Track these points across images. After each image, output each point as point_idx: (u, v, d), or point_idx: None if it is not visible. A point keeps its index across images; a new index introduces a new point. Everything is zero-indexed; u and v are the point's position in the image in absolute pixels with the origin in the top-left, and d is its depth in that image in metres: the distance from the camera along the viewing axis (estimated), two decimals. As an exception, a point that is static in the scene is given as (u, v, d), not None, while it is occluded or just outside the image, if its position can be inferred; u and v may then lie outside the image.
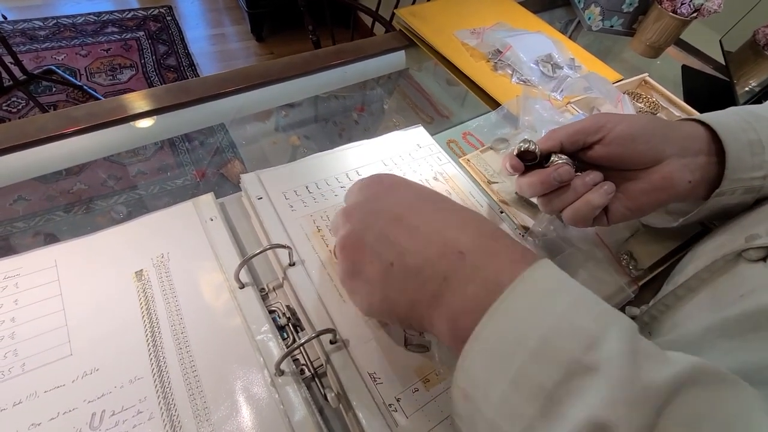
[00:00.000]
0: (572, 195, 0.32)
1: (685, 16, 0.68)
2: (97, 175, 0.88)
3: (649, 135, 0.31)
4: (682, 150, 0.31)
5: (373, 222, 0.25)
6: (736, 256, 0.30)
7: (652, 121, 0.33)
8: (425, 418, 0.28)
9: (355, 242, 0.25)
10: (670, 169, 0.31)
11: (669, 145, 0.31)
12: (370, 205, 0.26)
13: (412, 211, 0.24)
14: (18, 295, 0.30)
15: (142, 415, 0.26)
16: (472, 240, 0.22)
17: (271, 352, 0.29)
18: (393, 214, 0.25)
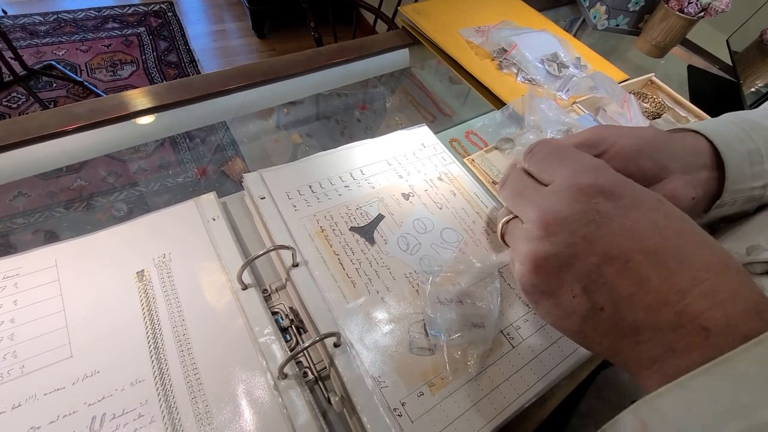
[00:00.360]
0: None
1: (692, 15, 0.67)
2: (98, 171, 0.88)
3: (652, 150, 0.29)
4: (685, 166, 0.30)
5: (587, 253, 0.20)
6: None
7: (655, 134, 0.31)
8: (431, 423, 0.27)
9: (556, 268, 0.21)
10: (673, 186, 0.29)
11: (673, 160, 0.30)
12: (587, 229, 0.20)
13: (644, 255, 0.19)
14: (17, 296, 0.29)
15: (144, 418, 0.26)
16: (727, 316, 0.17)
17: (274, 355, 0.29)
18: (616, 251, 0.19)
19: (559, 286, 0.21)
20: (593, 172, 0.22)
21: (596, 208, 0.20)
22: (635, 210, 0.20)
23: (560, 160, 0.24)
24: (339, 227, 0.36)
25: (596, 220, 0.20)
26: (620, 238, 0.19)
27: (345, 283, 0.33)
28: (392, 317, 0.32)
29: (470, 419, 0.28)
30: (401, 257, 0.35)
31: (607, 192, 0.21)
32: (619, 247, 0.19)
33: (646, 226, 0.19)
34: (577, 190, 0.21)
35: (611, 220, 0.20)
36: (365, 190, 0.39)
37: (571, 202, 0.21)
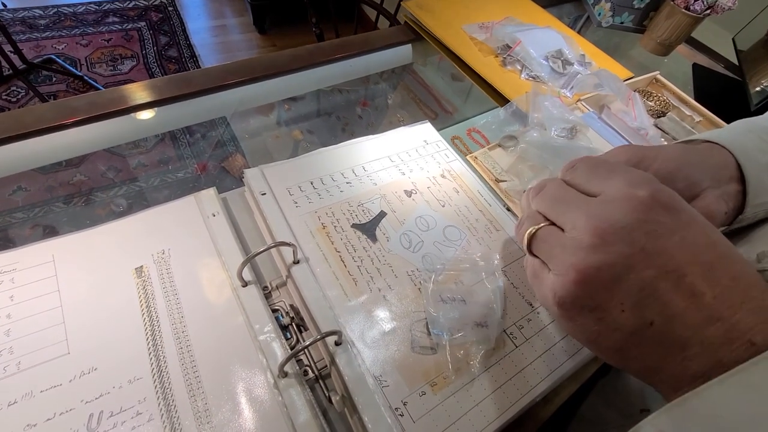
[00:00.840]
0: None
1: (698, 13, 0.66)
2: (98, 166, 0.88)
3: (687, 170, 0.29)
4: (715, 181, 0.29)
5: (642, 266, 0.20)
6: None
7: (686, 152, 0.30)
8: (433, 423, 0.27)
9: (607, 280, 0.20)
10: (707, 202, 0.29)
11: (704, 177, 0.29)
12: (644, 241, 0.20)
13: (701, 270, 0.19)
14: (14, 291, 0.29)
15: (142, 416, 0.26)
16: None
17: (274, 353, 0.29)
18: (673, 265, 0.19)
19: (608, 299, 0.20)
20: (649, 184, 0.21)
21: (657, 219, 0.20)
22: (694, 224, 0.20)
23: (610, 172, 0.23)
24: (341, 224, 0.35)
25: (657, 231, 0.20)
26: (679, 252, 0.19)
27: (346, 281, 0.32)
28: (394, 315, 0.31)
29: (472, 419, 0.28)
30: (403, 255, 0.34)
31: (667, 205, 0.20)
32: (677, 261, 0.19)
33: (703, 241, 0.19)
34: (636, 199, 0.20)
35: (672, 233, 0.20)
36: (367, 186, 0.38)
37: (629, 211, 0.20)
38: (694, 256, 0.19)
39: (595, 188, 0.23)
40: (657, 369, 0.20)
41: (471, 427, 0.27)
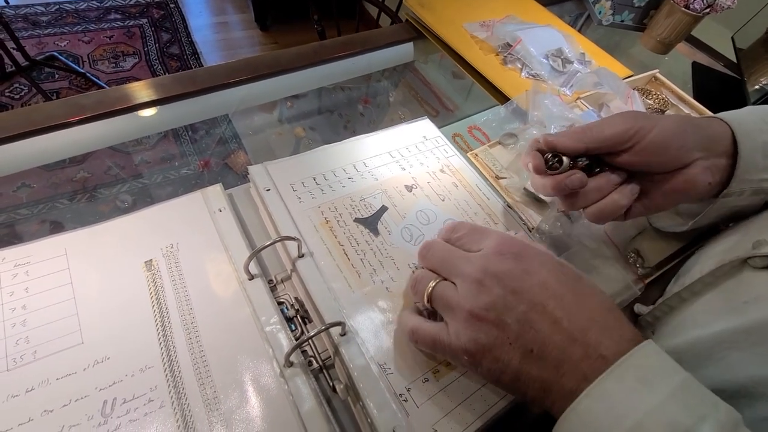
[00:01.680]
0: (597, 194, 0.32)
1: (697, 11, 0.67)
2: (101, 163, 0.89)
3: (681, 140, 0.30)
4: (707, 152, 0.31)
5: (515, 304, 0.24)
6: (742, 263, 0.30)
7: (684, 123, 0.31)
8: (436, 408, 0.28)
9: (496, 318, 0.24)
10: (694, 172, 0.31)
11: (698, 147, 0.31)
12: (511, 283, 0.25)
13: (554, 300, 0.24)
14: (29, 283, 0.30)
15: (153, 403, 0.27)
16: (616, 344, 0.22)
17: (280, 344, 0.30)
18: (536, 300, 0.24)
19: (498, 334, 0.24)
20: (512, 241, 0.27)
21: (520, 267, 0.25)
22: (544, 268, 0.25)
23: (483, 235, 0.29)
24: (343, 218, 0.36)
25: (520, 276, 0.25)
26: (537, 289, 0.24)
27: (350, 273, 0.33)
28: (397, 306, 0.32)
29: (474, 404, 0.29)
30: (405, 248, 0.35)
31: (523, 256, 0.26)
32: (539, 296, 0.24)
33: (552, 280, 0.25)
34: (505, 253, 0.26)
35: (531, 275, 0.25)
36: (369, 182, 0.39)
37: (501, 261, 0.26)
38: (546, 293, 0.24)
39: (475, 247, 0.28)
40: (546, 391, 0.23)
41: (473, 411, 0.28)
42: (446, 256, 0.29)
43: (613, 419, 0.20)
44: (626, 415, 0.20)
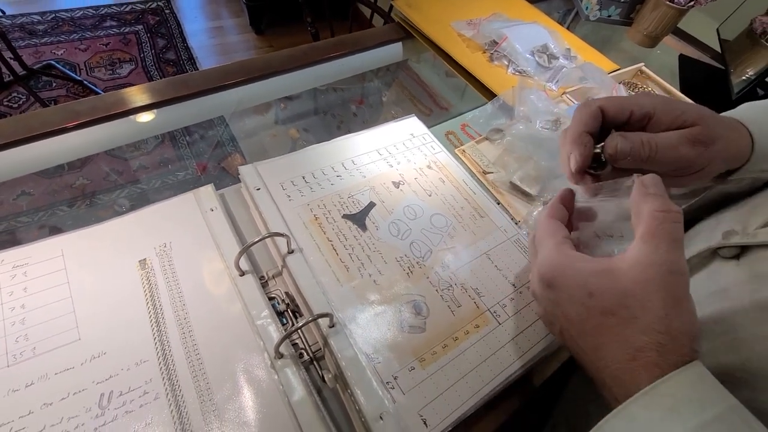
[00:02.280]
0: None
1: (682, 5, 0.68)
2: (100, 169, 0.90)
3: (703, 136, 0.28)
4: (731, 159, 0.30)
5: (551, 324, 0.29)
6: (712, 253, 0.30)
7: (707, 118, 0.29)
8: (421, 394, 0.29)
9: (548, 319, 0.29)
10: (710, 170, 0.30)
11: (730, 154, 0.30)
12: (546, 307, 0.28)
13: (577, 333, 0.26)
14: (27, 283, 0.31)
15: (148, 395, 0.28)
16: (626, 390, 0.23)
17: (270, 336, 0.31)
18: (563, 327, 0.27)
19: (553, 325, 0.28)
20: (549, 267, 0.27)
21: (550, 296, 0.27)
22: (568, 303, 0.26)
23: (538, 246, 0.29)
24: (332, 215, 0.37)
25: (551, 305, 0.27)
26: (563, 319, 0.26)
27: (338, 268, 0.34)
28: (384, 298, 0.33)
29: (459, 390, 0.30)
30: (392, 242, 0.36)
31: (555, 286, 0.27)
32: (565, 325, 0.26)
33: (574, 316, 0.26)
34: (543, 279, 0.27)
35: (557, 306, 0.27)
36: (357, 179, 0.40)
37: (539, 285, 0.28)
38: (573, 326, 0.26)
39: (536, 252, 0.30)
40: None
41: (458, 397, 0.29)
42: (533, 241, 0.31)
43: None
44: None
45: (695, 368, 0.21)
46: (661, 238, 0.23)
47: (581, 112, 0.29)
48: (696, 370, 0.21)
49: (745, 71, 0.66)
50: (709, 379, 0.21)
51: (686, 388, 0.21)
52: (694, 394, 0.20)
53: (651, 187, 0.25)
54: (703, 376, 0.21)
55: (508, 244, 0.38)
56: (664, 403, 0.21)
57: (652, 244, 0.23)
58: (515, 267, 0.37)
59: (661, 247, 0.23)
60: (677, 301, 0.22)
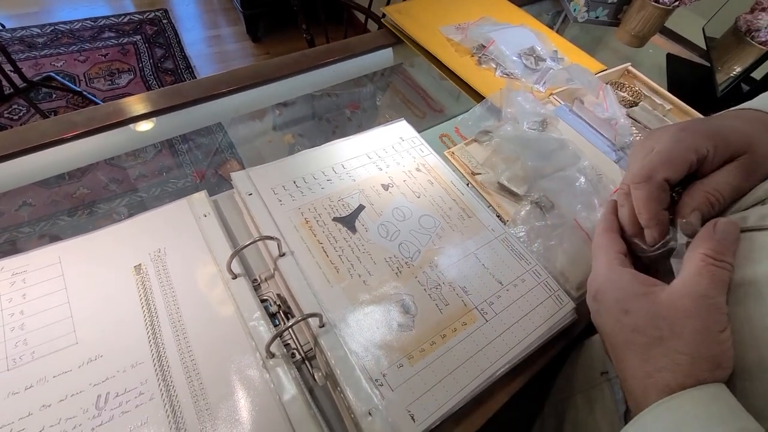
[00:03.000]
0: None
1: (667, 5, 0.69)
2: (99, 179, 0.91)
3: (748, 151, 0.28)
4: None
5: (598, 328, 0.30)
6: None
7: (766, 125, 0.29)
8: (410, 391, 0.30)
9: (595, 325, 0.30)
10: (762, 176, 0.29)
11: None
12: (596, 316, 0.30)
13: (610, 345, 0.28)
14: (26, 290, 0.32)
15: (144, 396, 0.28)
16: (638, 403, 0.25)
17: (262, 337, 0.31)
18: (603, 336, 0.29)
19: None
20: (593, 280, 0.30)
21: (594, 307, 0.29)
22: (606, 315, 0.28)
23: (593, 259, 0.31)
24: (322, 218, 0.38)
25: (594, 314, 0.30)
26: (602, 328, 0.29)
27: (329, 269, 0.35)
28: (373, 298, 0.34)
29: (446, 386, 0.30)
30: (381, 244, 0.37)
31: (597, 299, 0.29)
32: (602, 333, 0.29)
33: (609, 330, 0.28)
34: (589, 290, 0.30)
35: (599, 316, 0.29)
36: (347, 182, 0.41)
37: (588, 293, 0.30)
38: (605, 336, 0.28)
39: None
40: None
41: (445, 393, 0.30)
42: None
43: None
44: None
45: (711, 389, 0.22)
46: (704, 276, 0.24)
47: (650, 190, 0.28)
48: (711, 391, 0.22)
49: (731, 68, 0.67)
50: (726, 401, 0.21)
51: (696, 407, 0.21)
52: (702, 412, 0.21)
53: (718, 232, 0.25)
54: (719, 397, 0.21)
55: (495, 243, 0.39)
56: (671, 417, 0.22)
57: (694, 280, 0.24)
58: (502, 265, 0.38)
59: (701, 283, 0.24)
60: (707, 330, 0.23)
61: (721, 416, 0.20)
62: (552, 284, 0.37)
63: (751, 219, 0.26)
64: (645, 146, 0.30)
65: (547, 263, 0.40)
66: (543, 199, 0.44)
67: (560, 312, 0.36)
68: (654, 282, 0.26)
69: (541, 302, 0.36)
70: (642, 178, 0.28)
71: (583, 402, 0.34)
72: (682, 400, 0.22)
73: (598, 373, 0.33)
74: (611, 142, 0.53)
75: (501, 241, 0.39)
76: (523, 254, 0.39)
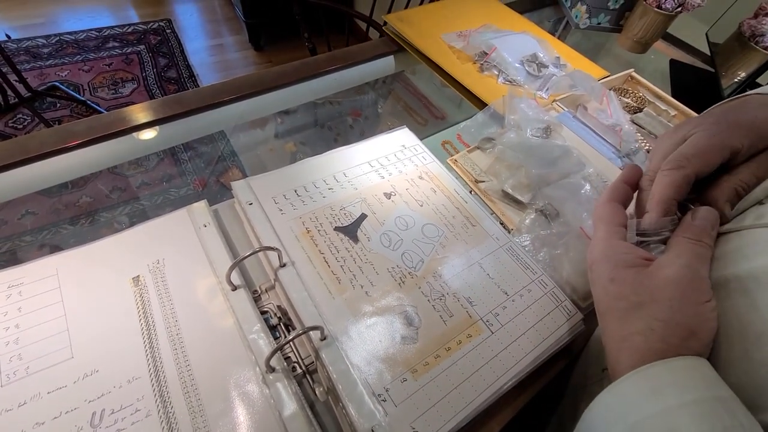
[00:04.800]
0: None
1: (669, 11, 0.68)
2: (102, 187, 0.91)
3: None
4: None
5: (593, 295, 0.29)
6: None
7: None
8: (414, 406, 0.29)
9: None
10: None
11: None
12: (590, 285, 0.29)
13: (598, 312, 0.28)
14: (22, 303, 0.31)
15: (140, 412, 0.28)
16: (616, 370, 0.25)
17: (262, 351, 0.31)
18: (595, 305, 0.29)
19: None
20: (591, 251, 0.29)
21: (588, 275, 0.29)
22: (597, 285, 0.28)
23: (594, 228, 0.31)
24: (324, 228, 0.37)
25: (590, 281, 0.29)
26: (594, 297, 0.29)
27: (330, 280, 0.34)
28: (376, 310, 0.33)
29: (451, 401, 0.29)
30: (384, 253, 0.37)
31: (591, 269, 0.29)
32: (595, 302, 0.29)
33: (602, 297, 0.28)
34: (588, 261, 0.29)
35: (592, 283, 0.29)
36: (348, 191, 0.40)
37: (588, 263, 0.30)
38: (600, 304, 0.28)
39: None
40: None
41: (450, 409, 0.29)
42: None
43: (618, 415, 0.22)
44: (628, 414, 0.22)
45: (690, 360, 0.22)
46: (685, 251, 0.25)
47: (676, 179, 0.27)
48: (690, 362, 0.22)
49: (735, 74, 0.66)
50: (702, 372, 0.22)
51: (673, 374, 0.22)
52: (679, 380, 0.22)
53: (697, 219, 0.27)
54: (696, 368, 0.22)
55: (500, 252, 0.38)
56: (648, 384, 0.22)
57: (675, 253, 0.25)
58: (507, 275, 0.37)
59: (683, 256, 0.25)
60: (685, 298, 0.23)
61: (696, 385, 0.21)
62: (559, 294, 0.36)
63: (748, 219, 0.27)
64: (676, 135, 0.30)
65: (554, 273, 0.39)
66: (548, 207, 0.44)
67: (568, 323, 0.35)
68: (647, 256, 0.27)
69: (548, 313, 0.35)
70: (673, 165, 0.28)
71: (582, 398, 0.34)
72: (659, 368, 0.22)
73: (600, 369, 0.32)
74: (616, 149, 0.53)
75: (506, 250, 0.39)
76: (528, 263, 0.38)
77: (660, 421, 0.21)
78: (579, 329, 0.35)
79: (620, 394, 0.23)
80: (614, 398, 0.23)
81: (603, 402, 0.24)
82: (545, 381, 0.35)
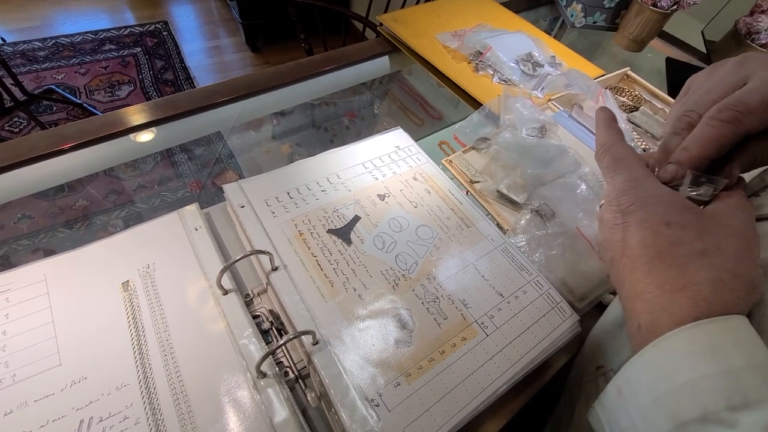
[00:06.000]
0: None
1: (665, 9, 0.68)
2: (98, 190, 0.90)
3: None
4: None
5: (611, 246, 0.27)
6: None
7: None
8: (407, 411, 0.28)
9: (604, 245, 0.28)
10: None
11: None
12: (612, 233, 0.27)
13: (630, 261, 0.25)
14: (9, 309, 0.31)
15: (129, 420, 0.27)
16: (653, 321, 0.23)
17: (253, 356, 0.30)
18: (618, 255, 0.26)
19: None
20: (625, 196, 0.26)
21: (614, 221, 0.26)
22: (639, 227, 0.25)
23: (620, 169, 0.27)
24: (317, 230, 0.37)
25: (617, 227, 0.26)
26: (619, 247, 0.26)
27: (323, 283, 0.34)
28: (369, 313, 0.33)
29: (446, 405, 0.29)
30: (377, 256, 0.36)
31: (627, 210, 0.26)
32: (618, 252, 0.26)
33: (636, 240, 0.25)
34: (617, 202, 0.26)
35: (624, 229, 0.26)
36: (342, 193, 0.40)
37: (611, 206, 0.27)
38: (626, 250, 0.25)
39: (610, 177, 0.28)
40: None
41: (444, 413, 0.29)
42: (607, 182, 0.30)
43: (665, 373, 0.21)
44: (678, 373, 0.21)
45: (747, 321, 0.21)
46: (744, 205, 0.24)
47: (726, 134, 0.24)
48: (747, 322, 0.21)
49: (732, 72, 0.66)
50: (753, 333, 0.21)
51: (734, 333, 0.21)
52: (742, 340, 0.20)
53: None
54: (749, 329, 0.21)
55: (495, 254, 0.38)
56: (709, 342, 0.20)
57: (735, 206, 0.24)
58: (503, 277, 0.36)
59: (741, 208, 0.24)
60: (750, 251, 0.23)
61: (756, 347, 0.20)
62: (554, 296, 0.36)
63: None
64: (736, 73, 0.25)
65: (549, 273, 0.39)
66: (543, 207, 0.43)
67: (563, 325, 0.34)
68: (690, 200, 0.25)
69: (543, 315, 0.35)
70: (728, 117, 0.24)
71: (578, 396, 0.33)
72: (718, 324, 0.21)
73: (594, 368, 0.32)
74: (612, 148, 0.52)
75: (501, 252, 0.38)
76: (524, 265, 0.38)
77: (723, 382, 0.19)
78: (575, 331, 0.34)
79: (671, 349, 0.21)
80: (661, 355, 0.21)
81: (646, 359, 0.22)
82: (541, 384, 0.35)
